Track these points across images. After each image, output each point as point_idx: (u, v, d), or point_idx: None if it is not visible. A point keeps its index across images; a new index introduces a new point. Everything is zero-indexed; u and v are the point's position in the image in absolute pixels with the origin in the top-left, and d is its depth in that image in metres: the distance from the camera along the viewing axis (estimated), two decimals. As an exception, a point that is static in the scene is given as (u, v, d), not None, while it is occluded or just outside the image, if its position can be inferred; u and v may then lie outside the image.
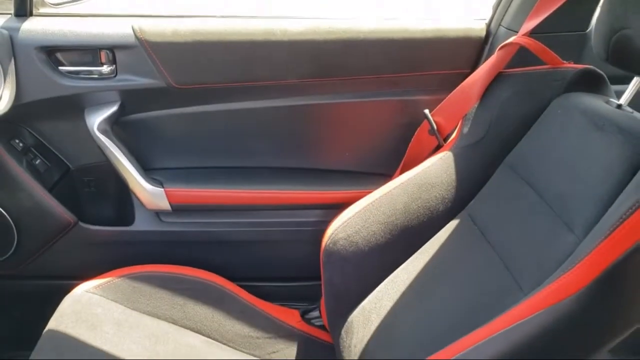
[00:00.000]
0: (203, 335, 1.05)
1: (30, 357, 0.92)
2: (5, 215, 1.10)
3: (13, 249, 1.12)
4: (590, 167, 0.73)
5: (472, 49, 1.12)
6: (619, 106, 0.81)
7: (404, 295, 0.94)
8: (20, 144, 1.11)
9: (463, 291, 0.83)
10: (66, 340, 0.93)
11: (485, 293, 0.78)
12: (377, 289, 0.99)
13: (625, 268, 0.58)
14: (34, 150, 1.12)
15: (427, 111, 1.08)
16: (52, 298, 1.03)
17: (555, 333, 0.62)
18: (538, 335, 0.63)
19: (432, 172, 0.98)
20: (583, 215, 0.70)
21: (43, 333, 0.95)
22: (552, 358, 0.66)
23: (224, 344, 1.06)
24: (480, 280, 0.82)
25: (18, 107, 1.03)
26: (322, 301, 1.10)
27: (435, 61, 1.11)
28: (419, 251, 0.97)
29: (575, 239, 0.70)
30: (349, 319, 1.00)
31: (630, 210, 0.57)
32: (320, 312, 1.12)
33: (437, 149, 1.06)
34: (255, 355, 1.06)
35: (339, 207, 1.06)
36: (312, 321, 1.13)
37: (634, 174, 0.66)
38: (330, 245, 1.03)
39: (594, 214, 0.68)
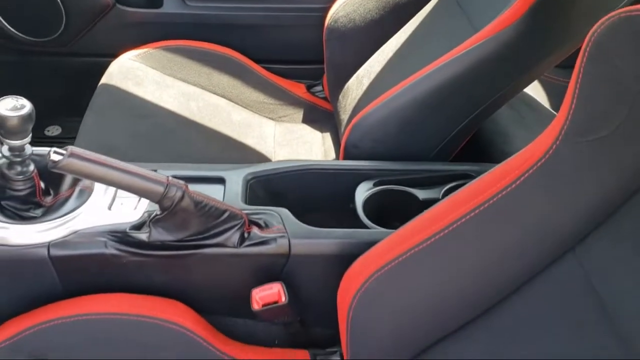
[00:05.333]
0: (226, 99, 1.27)
1: (89, 107, 1.16)
2: (53, -3, 1.28)
3: (62, 27, 1.32)
4: None
5: None
6: None
7: (390, 60, 1.13)
8: None
9: (434, 49, 1.01)
10: (117, 92, 1.15)
11: (451, 44, 0.96)
12: (370, 59, 1.18)
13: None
14: None
15: None
16: (98, 73, 1.24)
17: (499, 56, 0.82)
18: (483, 59, 0.83)
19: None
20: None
21: (97, 86, 1.18)
22: (497, 81, 0.86)
23: (244, 107, 1.28)
24: (449, 37, 1.00)
25: None
26: (324, 77, 1.31)
27: None
28: (406, 25, 1.15)
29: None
30: (345, 86, 1.21)
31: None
32: (322, 86, 1.33)
33: None
34: (269, 118, 1.30)
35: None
36: (316, 94, 1.35)
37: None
38: (332, 23, 1.21)
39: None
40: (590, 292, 0.53)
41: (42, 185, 0.78)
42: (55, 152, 0.63)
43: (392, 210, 0.87)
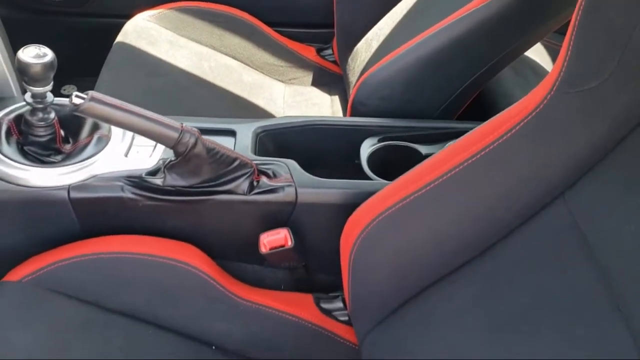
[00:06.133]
0: (237, 60, 1.30)
1: (105, 64, 1.19)
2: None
3: (78, -15, 1.35)
4: None
5: None
6: None
7: (399, 23, 1.14)
8: None
9: (441, 10, 1.02)
10: (132, 50, 1.19)
11: (457, 5, 0.97)
12: (379, 22, 1.20)
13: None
14: None
15: None
16: (113, 34, 1.27)
17: (501, 17, 0.84)
18: (486, 20, 0.85)
19: None
20: None
21: (113, 44, 1.21)
22: (499, 42, 0.89)
23: (255, 69, 1.31)
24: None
25: None
26: (334, 40, 1.33)
27: None
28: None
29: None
30: (355, 49, 1.23)
31: None
32: (332, 49, 1.36)
33: None
34: (279, 80, 1.32)
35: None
36: (326, 57, 1.37)
37: None
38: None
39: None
40: (577, 233, 0.56)
41: (62, 133, 0.82)
42: (76, 95, 0.67)
43: (395, 165, 0.90)
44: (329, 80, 1.34)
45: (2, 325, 0.70)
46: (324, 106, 1.27)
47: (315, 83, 1.33)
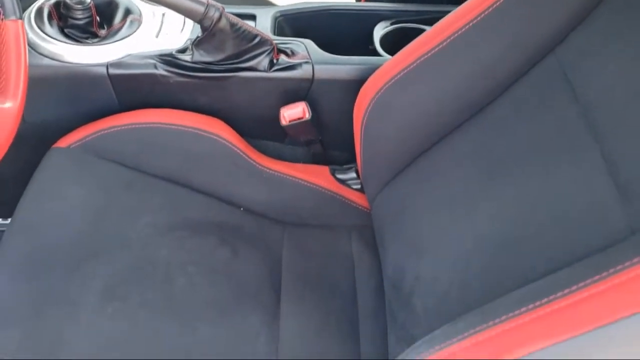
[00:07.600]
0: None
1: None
2: None
3: None
4: None
5: None
6: None
7: None
8: None
9: None
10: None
11: None
12: None
13: None
14: None
15: None
16: None
17: None
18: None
19: None
20: None
21: None
22: None
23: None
24: None
25: None
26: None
27: None
28: None
29: None
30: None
31: None
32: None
33: None
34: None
35: None
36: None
37: None
38: None
39: None
40: (564, 81, 0.62)
41: (98, 19, 0.89)
42: (112, -32, 0.73)
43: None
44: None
45: (56, 182, 0.80)
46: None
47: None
